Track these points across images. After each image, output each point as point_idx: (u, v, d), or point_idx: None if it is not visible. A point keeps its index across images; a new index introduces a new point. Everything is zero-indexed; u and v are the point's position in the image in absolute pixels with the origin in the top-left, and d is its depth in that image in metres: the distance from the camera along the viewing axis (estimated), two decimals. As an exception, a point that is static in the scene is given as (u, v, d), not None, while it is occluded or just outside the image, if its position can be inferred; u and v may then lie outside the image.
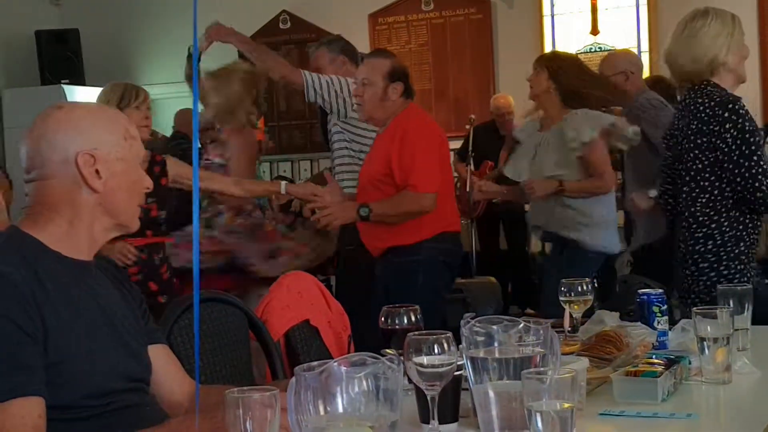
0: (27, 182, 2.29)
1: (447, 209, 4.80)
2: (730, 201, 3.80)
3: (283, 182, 4.98)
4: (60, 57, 9.95)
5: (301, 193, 5.03)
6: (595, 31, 9.15)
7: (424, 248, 4.68)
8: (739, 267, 3.81)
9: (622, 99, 5.27)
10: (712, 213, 3.82)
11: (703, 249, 3.84)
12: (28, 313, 2.07)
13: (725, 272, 3.79)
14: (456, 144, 9.06)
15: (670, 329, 3.06)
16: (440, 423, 2.09)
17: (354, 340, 3.89)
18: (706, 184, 3.82)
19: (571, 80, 5.02)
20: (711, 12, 3.86)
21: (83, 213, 2.27)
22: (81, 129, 2.27)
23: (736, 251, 3.81)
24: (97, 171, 2.25)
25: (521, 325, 2.11)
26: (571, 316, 3.11)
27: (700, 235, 3.84)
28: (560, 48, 9.34)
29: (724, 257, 3.81)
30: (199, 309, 3.12)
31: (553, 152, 4.99)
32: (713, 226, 3.82)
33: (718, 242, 3.81)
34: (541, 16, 9.44)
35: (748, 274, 3.80)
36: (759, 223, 3.89)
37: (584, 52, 9.10)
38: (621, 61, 5.74)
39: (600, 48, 9.03)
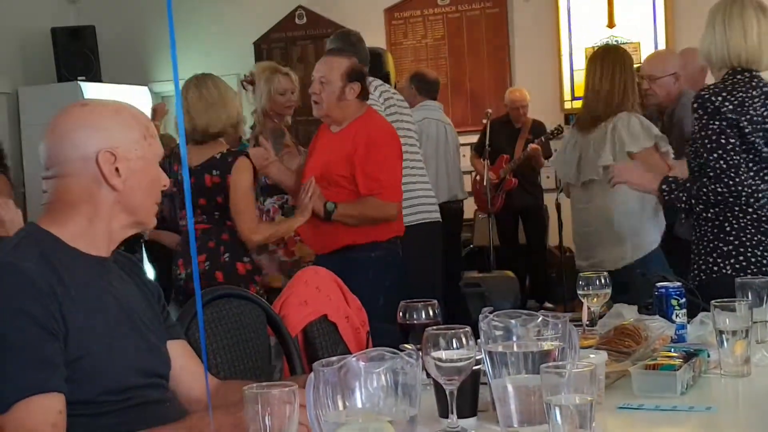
0: (46, 179, 2.30)
1: (398, 215, 4.93)
2: None
3: None
4: (76, 54, 9.95)
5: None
6: (611, 24, 9.12)
7: (381, 248, 4.77)
8: None
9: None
10: None
11: None
12: (48, 309, 2.08)
13: None
14: (472, 138, 9.05)
15: (688, 322, 3.06)
16: (459, 417, 2.10)
17: None
18: None
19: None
20: None
21: (102, 210, 2.28)
22: (102, 127, 2.27)
23: None
24: (117, 169, 2.26)
25: (539, 319, 2.11)
26: (589, 309, 3.11)
27: None
28: (576, 41, 9.33)
29: None
30: (217, 305, 3.15)
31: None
32: None
33: None
34: (557, 10, 9.42)
35: None
36: None
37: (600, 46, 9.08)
38: (671, 62, 5.52)
39: (616, 41, 9.00)
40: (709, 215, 3.85)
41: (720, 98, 3.75)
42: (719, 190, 3.75)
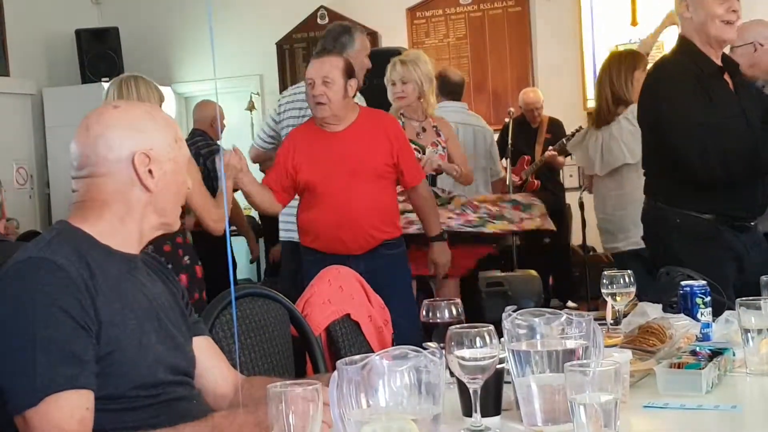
0: (77, 179, 2.31)
1: None
2: None
3: None
4: (100, 55, 10.00)
5: None
6: (634, 22, 9.07)
7: (402, 241, 4.96)
8: None
9: None
10: None
11: None
12: (82, 304, 2.10)
13: None
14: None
15: (713, 321, 3.04)
16: (483, 416, 2.09)
17: None
18: None
19: None
20: None
21: (134, 211, 2.30)
22: (138, 129, 2.29)
23: None
24: (150, 171, 2.28)
25: (563, 318, 2.10)
26: (613, 308, 3.10)
27: None
28: (599, 40, 9.30)
29: None
30: (241, 304, 3.16)
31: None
32: None
33: None
34: (579, 8, 9.40)
35: None
36: None
37: (624, 44, 9.04)
38: (750, 32, 5.09)
39: (640, 40, 8.96)
40: None
41: None
42: None
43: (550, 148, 8.65)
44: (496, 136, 8.81)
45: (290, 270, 5.60)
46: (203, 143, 7.41)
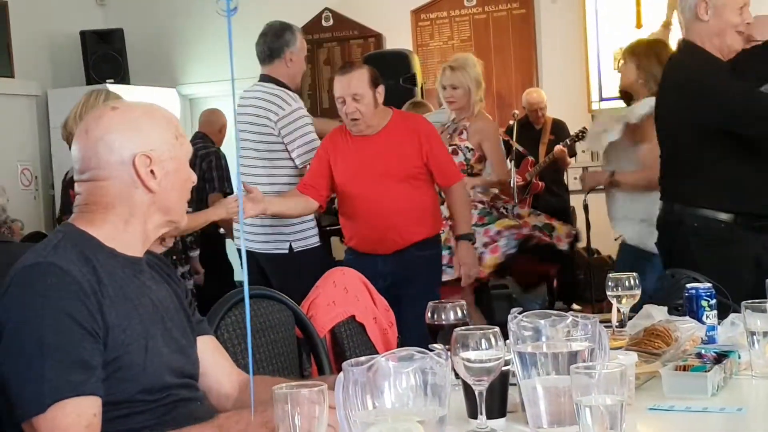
0: (80, 182, 2.31)
1: None
2: None
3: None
4: (105, 57, 10.00)
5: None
6: (639, 24, 9.07)
7: (437, 242, 5.08)
8: None
9: None
10: None
11: None
12: (90, 309, 2.10)
13: None
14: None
15: (719, 323, 3.04)
16: (488, 418, 2.09)
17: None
18: None
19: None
20: None
21: (138, 212, 2.29)
22: (137, 130, 2.29)
23: None
24: (152, 171, 2.27)
25: (569, 320, 2.10)
26: (618, 310, 3.10)
27: None
28: (603, 42, 9.29)
29: None
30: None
31: None
32: None
33: None
34: (584, 10, 9.39)
35: None
36: None
37: (628, 46, 9.04)
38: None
39: (644, 42, 8.95)
40: None
41: None
42: None
43: (560, 144, 8.62)
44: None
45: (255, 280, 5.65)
46: (201, 145, 7.58)
